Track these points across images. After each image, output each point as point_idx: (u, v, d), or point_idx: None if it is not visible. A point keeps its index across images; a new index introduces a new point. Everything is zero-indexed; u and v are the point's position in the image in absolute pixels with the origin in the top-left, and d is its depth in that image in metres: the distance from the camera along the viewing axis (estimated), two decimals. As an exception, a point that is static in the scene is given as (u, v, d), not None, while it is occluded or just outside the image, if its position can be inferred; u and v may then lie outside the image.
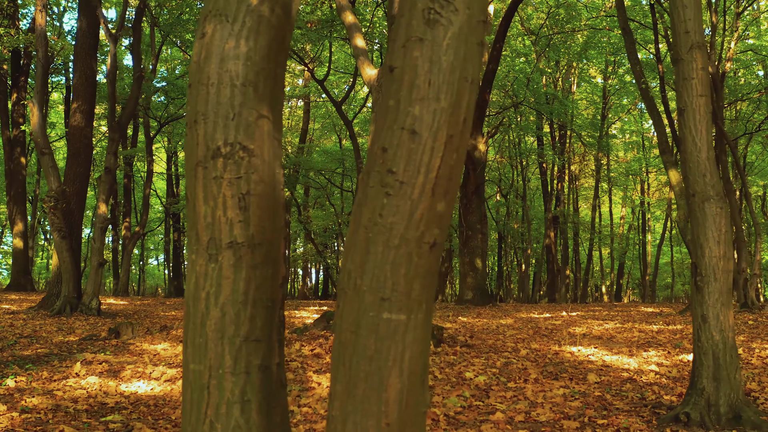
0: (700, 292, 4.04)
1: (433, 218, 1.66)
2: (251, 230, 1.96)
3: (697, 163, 4.12)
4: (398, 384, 1.69)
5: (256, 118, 1.99)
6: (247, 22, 2.02)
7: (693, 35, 4.19)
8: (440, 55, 1.63)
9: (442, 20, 1.64)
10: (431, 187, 1.64)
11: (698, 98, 4.16)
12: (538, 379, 5.29)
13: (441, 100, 1.63)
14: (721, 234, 4.04)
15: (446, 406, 4.41)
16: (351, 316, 1.72)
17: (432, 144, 1.63)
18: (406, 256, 1.65)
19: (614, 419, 4.07)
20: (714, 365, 3.97)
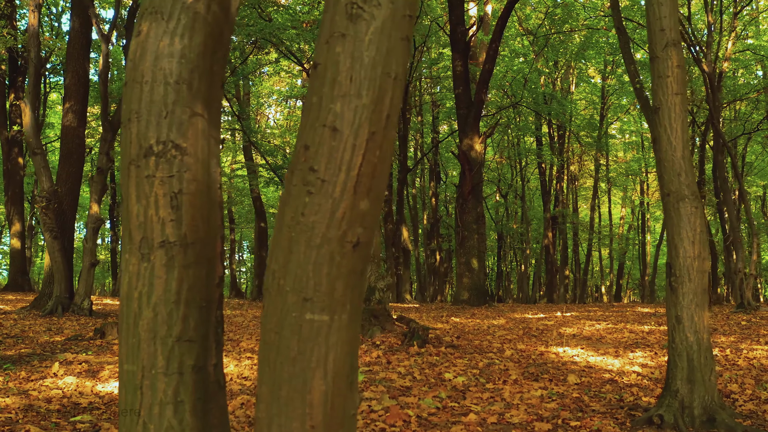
0: (674, 293, 3.99)
1: (355, 217, 1.62)
2: (183, 229, 1.93)
3: (672, 162, 4.07)
4: (322, 386, 1.66)
5: (189, 116, 1.96)
6: (182, 19, 1.99)
7: (668, 33, 4.15)
8: (362, 51, 1.60)
9: (364, 15, 1.61)
10: (353, 185, 1.60)
11: (674, 96, 4.11)
12: (517, 380, 5.24)
13: (363, 97, 1.59)
14: (696, 234, 3.99)
15: (420, 408, 4.37)
16: (275, 316, 1.68)
17: (353, 141, 1.59)
18: (328, 255, 1.62)
19: (588, 421, 4.03)
20: (688, 367, 3.92)
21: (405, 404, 4.46)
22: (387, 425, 3.92)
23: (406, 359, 6.07)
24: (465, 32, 17.48)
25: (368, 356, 6.13)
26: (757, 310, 12.87)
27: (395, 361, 5.96)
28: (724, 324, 9.93)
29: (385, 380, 5.13)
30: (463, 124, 17.31)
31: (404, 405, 4.44)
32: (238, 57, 18.94)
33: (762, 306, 14.46)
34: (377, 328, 7.52)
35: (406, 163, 21.56)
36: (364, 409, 4.29)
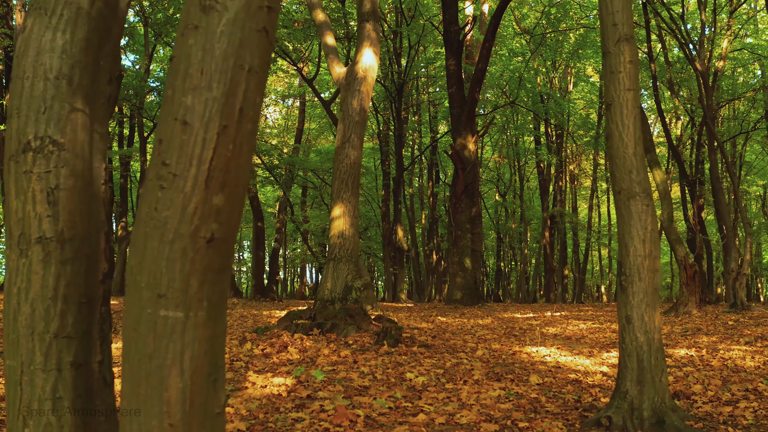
0: (624, 292, 3.93)
1: (208, 212, 1.59)
2: (61, 225, 1.90)
3: (623, 160, 4.01)
4: (180, 383, 1.62)
5: (68, 112, 1.94)
6: (65, 14, 1.97)
7: (621, 27, 4.08)
8: (213, 43, 1.56)
9: (217, 6, 1.57)
10: (204, 179, 1.57)
11: (626, 92, 4.05)
12: (479, 380, 5.19)
13: (213, 89, 1.56)
14: (647, 232, 3.93)
15: (372, 407, 4.33)
16: (133, 313, 1.65)
17: (204, 135, 1.56)
18: (181, 251, 1.59)
19: (538, 422, 3.97)
20: (638, 368, 3.86)
21: (358, 404, 4.42)
22: (332, 425, 3.89)
23: (373, 359, 6.04)
24: (458, 31, 17.41)
25: (335, 356, 6.09)
26: (748, 310, 12.72)
27: (362, 361, 5.92)
28: (710, 324, 9.81)
29: (344, 380, 5.09)
30: (457, 123, 17.24)
31: (357, 405, 4.41)
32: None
33: (755, 306, 14.30)
34: (352, 328, 7.49)
35: (402, 162, 21.52)
36: (315, 409, 4.26)
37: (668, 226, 12.33)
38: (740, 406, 4.36)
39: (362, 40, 8.82)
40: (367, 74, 8.67)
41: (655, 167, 12.41)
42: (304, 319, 7.75)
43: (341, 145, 8.51)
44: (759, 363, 6.22)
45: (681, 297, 12.12)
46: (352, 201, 8.31)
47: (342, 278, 7.96)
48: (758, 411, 4.25)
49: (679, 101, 17.77)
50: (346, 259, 8.05)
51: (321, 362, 5.82)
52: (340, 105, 8.74)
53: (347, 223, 8.18)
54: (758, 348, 7.08)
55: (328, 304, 7.86)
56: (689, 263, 11.94)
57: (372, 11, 8.97)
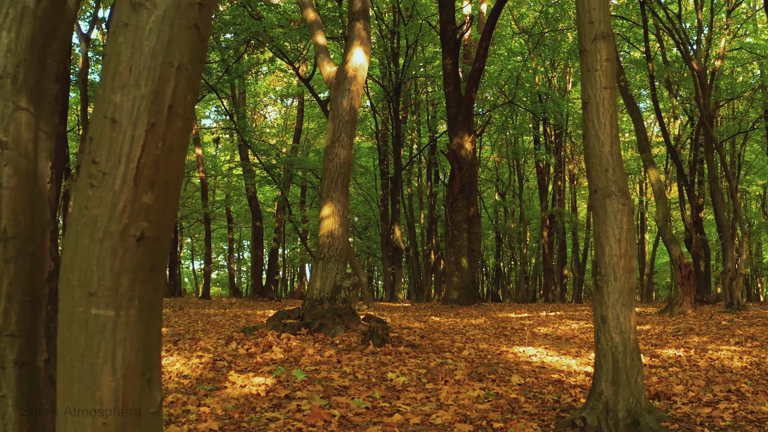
0: (600, 292, 3.90)
1: (138, 210, 1.58)
2: (3, 224, 1.90)
3: (599, 158, 3.98)
4: (112, 382, 1.61)
5: (12, 111, 1.93)
6: (10, 13, 1.96)
7: (598, 25, 4.06)
8: (142, 40, 1.55)
9: (147, 4, 1.56)
10: (133, 177, 1.56)
11: (602, 90, 4.02)
12: (461, 380, 5.17)
13: (141, 87, 1.55)
14: (623, 231, 3.90)
15: (349, 407, 4.32)
16: (65, 311, 1.64)
17: (132, 133, 1.55)
18: (111, 249, 1.57)
19: (514, 423, 3.95)
20: (613, 368, 3.83)
21: (336, 404, 4.41)
22: (306, 425, 3.88)
23: (357, 359, 6.02)
24: (455, 31, 17.38)
25: (320, 355, 6.08)
26: (744, 309, 12.66)
27: (346, 361, 5.91)
28: (703, 324, 9.77)
29: (325, 380, 5.08)
30: (453, 122, 17.22)
31: (335, 405, 4.39)
32: (232, 56, 18.99)
33: (752, 306, 14.24)
34: (340, 327, 7.48)
35: (400, 162, 21.50)
36: (292, 409, 4.25)
37: (663, 225, 12.28)
38: (720, 407, 4.33)
39: (352, 39, 8.81)
40: (357, 73, 8.65)
41: (650, 167, 12.37)
42: (292, 318, 7.74)
43: (331, 144, 8.50)
44: (746, 363, 6.18)
45: (676, 297, 12.08)
46: (342, 200, 8.29)
47: (331, 278, 7.95)
48: (738, 412, 4.22)
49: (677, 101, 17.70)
50: (335, 258, 8.04)
51: (304, 362, 5.81)
52: (330, 104, 8.73)
53: (336, 223, 8.17)
54: (747, 348, 7.04)
55: (316, 303, 7.85)
56: (684, 263, 11.89)
57: (363, 10, 8.95)
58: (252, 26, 15.53)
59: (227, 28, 16.18)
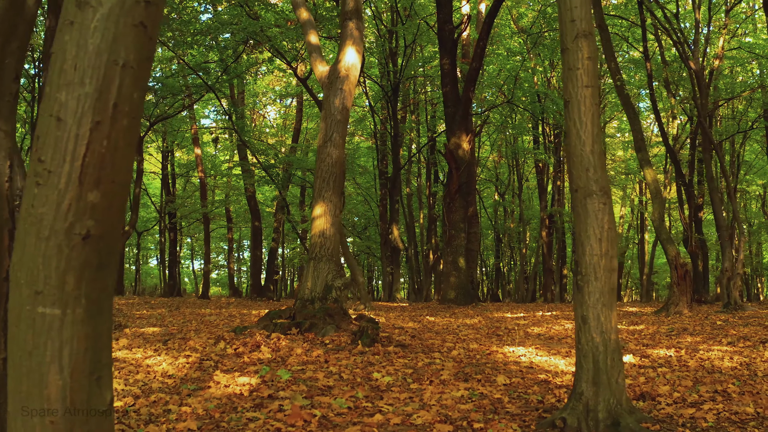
0: (580, 292, 3.88)
1: (83, 208, 1.57)
2: (-42, 222, 1.89)
3: (581, 157, 3.96)
4: (59, 381, 1.61)
5: (-32, 108, 1.93)
6: (-33, 11, 1.96)
7: (579, 23, 4.04)
8: (87, 38, 1.54)
9: (92, 1, 1.55)
10: (78, 175, 1.55)
11: (584, 89, 4.00)
12: (446, 380, 5.16)
13: (86, 85, 1.54)
14: (603, 231, 3.88)
15: (331, 408, 4.31)
16: (14, 310, 1.63)
17: (77, 131, 1.54)
18: (57, 248, 1.57)
19: (494, 423, 3.94)
20: (594, 369, 3.81)
21: (319, 404, 4.40)
22: (286, 425, 3.87)
23: (345, 359, 6.01)
24: (452, 30, 17.35)
25: (307, 355, 6.07)
26: (742, 309, 12.61)
27: (333, 361, 5.90)
28: (698, 324, 9.74)
29: (310, 379, 5.07)
30: (451, 122, 17.19)
31: (317, 405, 4.38)
32: (231, 56, 18.99)
33: (750, 306, 14.18)
34: (331, 327, 7.47)
35: (399, 161, 21.48)
36: (273, 409, 4.24)
37: (659, 225, 12.24)
38: (704, 408, 4.31)
39: (345, 39, 8.80)
40: (350, 73, 8.64)
41: (646, 166, 12.33)
42: (283, 318, 7.74)
43: (323, 144, 8.49)
44: (736, 364, 6.16)
45: (672, 297, 12.04)
46: (334, 200, 8.28)
47: (322, 278, 7.94)
48: (721, 413, 4.20)
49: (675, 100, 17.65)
50: (326, 258, 8.03)
51: (292, 362, 5.80)
52: (323, 103, 8.72)
53: (328, 223, 8.16)
54: (739, 348, 7.01)
55: (307, 303, 7.84)
56: (680, 263, 11.85)
57: (355, 9, 8.94)
58: (249, 26, 15.52)
59: (224, 27, 16.17)
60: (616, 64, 12.61)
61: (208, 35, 16.52)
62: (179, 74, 20.21)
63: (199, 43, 17.47)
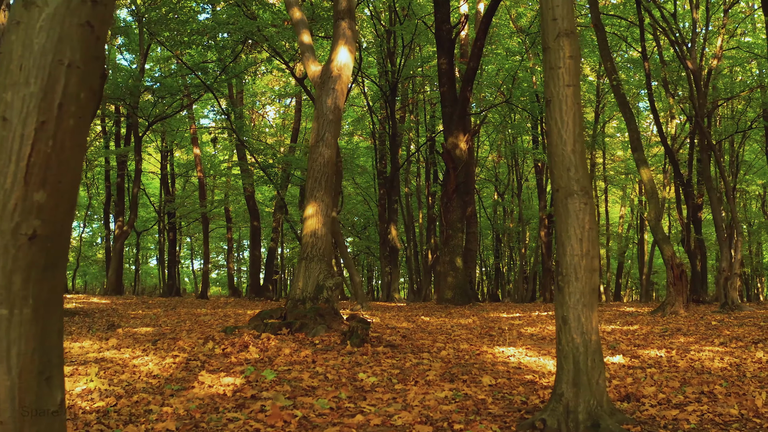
0: (561, 292, 3.87)
1: (29, 208, 1.56)
2: None
3: (562, 157, 3.95)
4: (7, 381, 1.60)
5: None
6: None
7: (561, 22, 4.02)
8: (32, 38, 1.54)
9: (38, 1, 1.54)
10: (23, 175, 1.54)
11: (565, 88, 3.98)
12: (432, 380, 5.14)
13: (31, 85, 1.53)
14: (585, 231, 3.86)
15: (313, 408, 4.30)
16: (-39, 311, 1.64)
17: (22, 131, 1.53)
18: (3, 248, 1.56)
19: (475, 424, 3.92)
20: (574, 370, 3.79)
21: (301, 404, 4.39)
22: (265, 426, 3.86)
23: (333, 359, 6.00)
24: (450, 30, 17.33)
25: (296, 355, 6.06)
26: (739, 309, 12.56)
27: (321, 361, 5.89)
28: (693, 324, 9.70)
29: (294, 380, 5.06)
30: (448, 122, 17.16)
31: (300, 405, 4.38)
32: (229, 56, 18.99)
33: (747, 306, 14.13)
34: (322, 327, 7.46)
35: (397, 161, 21.46)
36: (255, 409, 4.23)
37: (655, 225, 12.20)
38: (688, 409, 4.29)
39: (337, 38, 8.79)
40: (342, 72, 8.63)
41: (643, 166, 12.29)
42: (274, 318, 7.73)
43: (315, 143, 8.48)
44: (726, 364, 6.13)
45: (668, 297, 12.00)
46: (325, 200, 8.28)
47: (313, 278, 7.93)
48: (705, 415, 4.17)
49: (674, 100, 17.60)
50: (318, 258, 8.02)
51: (279, 362, 5.79)
52: (315, 103, 8.71)
53: (320, 222, 8.15)
54: (731, 349, 6.98)
55: (299, 303, 7.83)
56: (676, 263, 11.81)
57: (348, 9, 8.93)
58: (245, 26, 15.52)
59: (221, 27, 16.18)
60: (612, 64, 12.57)
61: (205, 35, 16.52)
62: (178, 74, 20.24)
63: (196, 42, 17.47)
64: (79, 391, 4.73)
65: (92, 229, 32.05)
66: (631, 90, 22.45)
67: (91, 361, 5.79)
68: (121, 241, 20.71)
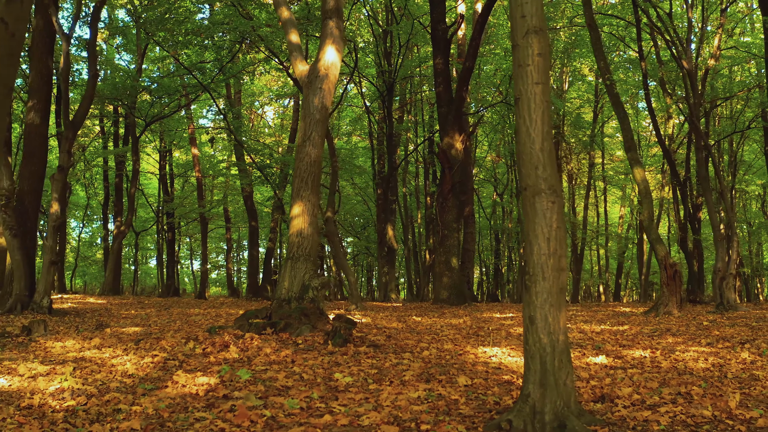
0: (528, 292, 3.83)
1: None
2: None
3: (530, 155, 3.91)
4: None
5: None
6: None
7: (530, 19, 3.98)
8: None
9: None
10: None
11: (534, 86, 3.94)
12: (408, 381, 5.11)
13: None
14: (552, 230, 3.82)
15: (283, 408, 4.27)
16: None
17: None
18: None
19: (442, 425, 3.88)
20: (541, 370, 3.75)
21: (272, 404, 4.36)
22: (231, 425, 3.83)
23: (313, 359, 5.97)
24: (446, 29, 17.28)
25: (275, 355, 6.04)
26: (734, 310, 12.45)
27: (300, 361, 5.86)
28: (684, 325, 9.63)
29: (270, 380, 5.03)
30: (444, 122, 17.12)
31: (270, 405, 4.35)
32: (226, 56, 19.00)
33: (744, 306, 14.02)
34: (306, 327, 7.43)
35: (393, 161, 21.42)
36: (225, 409, 4.20)
37: (649, 225, 12.12)
38: (661, 410, 4.24)
39: (325, 38, 8.76)
40: (329, 71, 8.60)
41: (636, 166, 12.22)
42: (260, 318, 7.70)
43: (302, 143, 8.45)
44: (710, 365, 6.07)
45: (662, 297, 11.92)
46: (312, 200, 8.24)
47: (299, 277, 7.90)
48: (677, 416, 4.13)
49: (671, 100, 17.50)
50: (304, 258, 7.99)
51: (258, 362, 5.77)
52: (302, 103, 8.69)
53: (306, 222, 8.12)
54: (717, 349, 6.91)
55: (284, 303, 7.80)
56: (670, 263, 11.73)
57: (336, 9, 8.90)
58: (240, 25, 15.52)
59: (216, 27, 16.18)
60: (605, 63, 12.50)
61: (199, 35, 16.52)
62: (176, 74, 20.25)
63: (192, 42, 17.47)
64: (53, 390, 4.71)
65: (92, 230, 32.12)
66: (630, 90, 22.34)
67: (70, 361, 5.77)
68: (118, 241, 20.74)
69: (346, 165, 24.70)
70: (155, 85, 20.45)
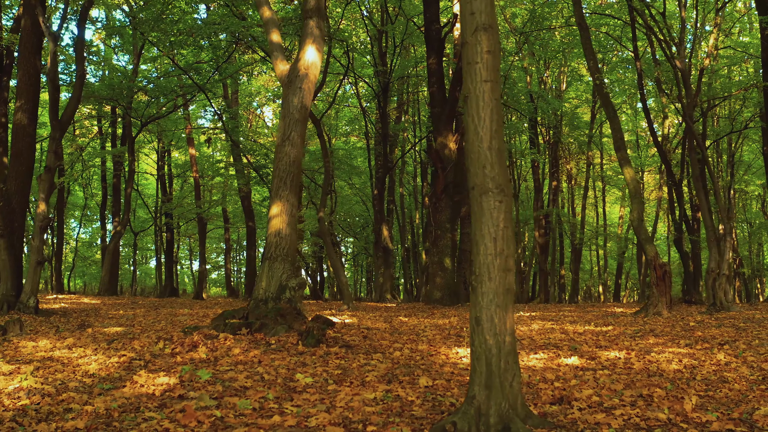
0: (474, 293, 3.78)
1: None
2: None
3: (478, 154, 3.86)
4: None
5: None
6: None
7: (479, 16, 3.93)
8: None
9: None
10: None
11: (483, 84, 3.90)
12: (369, 382, 5.07)
13: None
14: (499, 230, 3.78)
15: (235, 408, 4.25)
16: None
17: None
18: None
19: (389, 427, 3.85)
20: (487, 372, 3.70)
21: (225, 404, 4.34)
22: (177, 425, 3.81)
23: (280, 359, 5.95)
24: (439, 30, 17.23)
25: (244, 356, 6.02)
26: (727, 310, 12.33)
27: (267, 361, 5.84)
28: (669, 326, 9.53)
29: (230, 380, 5.01)
30: (437, 122, 17.06)
31: (224, 405, 4.33)
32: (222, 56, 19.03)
33: (738, 306, 13.88)
34: (282, 328, 7.40)
35: (389, 162, 21.38)
36: (176, 409, 4.18)
37: (638, 225, 12.02)
38: (616, 413, 4.18)
39: (305, 37, 8.74)
40: (309, 71, 8.58)
41: (626, 166, 12.12)
42: (236, 318, 7.70)
43: (281, 143, 8.43)
44: (682, 366, 6.00)
45: (651, 298, 11.81)
46: (291, 200, 8.22)
47: (276, 277, 7.88)
48: (631, 419, 4.07)
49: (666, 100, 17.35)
50: (281, 258, 7.97)
51: (224, 362, 5.75)
52: (282, 102, 8.67)
53: (284, 222, 8.10)
54: (694, 351, 6.83)
55: (261, 303, 7.78)
56: (659, 263, 11.63)
57: (317, 8, 8.88)
58: (231, 25, 15.54)
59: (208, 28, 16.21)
60: (595, 63, 12.41)
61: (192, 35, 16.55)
62: (173, 74, 20.31)
63: (186, 43, 17.51)
64: (11, 389, 4.71)
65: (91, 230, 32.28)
66: (629, 90, 22.18)
67: (36, 360, 5.78)
68: (115, 241, 20.82)
69: (344, 165, 24.69)
70: (152, 85, 20.53)
